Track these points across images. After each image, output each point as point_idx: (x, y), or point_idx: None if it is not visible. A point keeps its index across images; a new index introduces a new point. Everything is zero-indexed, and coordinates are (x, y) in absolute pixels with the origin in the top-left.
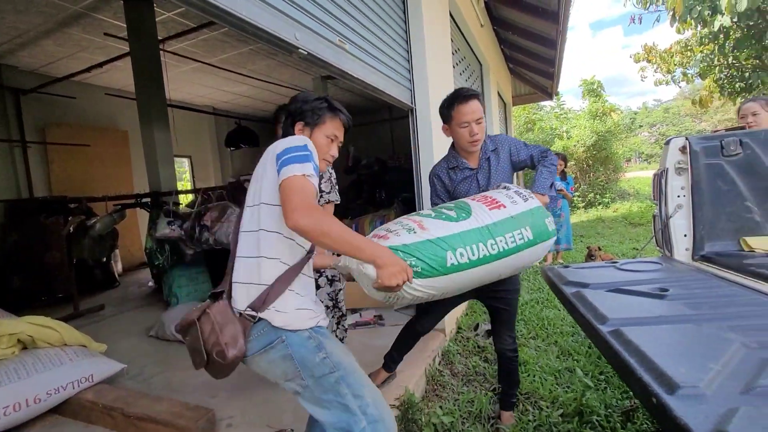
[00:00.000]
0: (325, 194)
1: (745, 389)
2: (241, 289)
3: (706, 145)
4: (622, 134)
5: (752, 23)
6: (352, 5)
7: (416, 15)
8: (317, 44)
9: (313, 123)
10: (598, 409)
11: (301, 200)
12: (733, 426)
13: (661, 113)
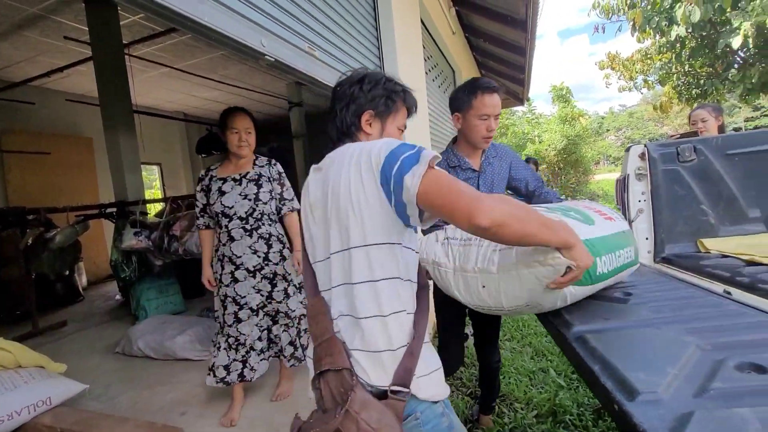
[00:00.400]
0: (288, 202)
1: (699, 392)
2: (369, 359)
3: (663, 152)
4: (591, 138)
5: (705, 33)
6: (321, 12)
7: (387, 22)
8: (285, 51)
9: (387, 112)
10: (571, 408)
11: (463, 195)
12: (690, 430)
13: (627, 118)
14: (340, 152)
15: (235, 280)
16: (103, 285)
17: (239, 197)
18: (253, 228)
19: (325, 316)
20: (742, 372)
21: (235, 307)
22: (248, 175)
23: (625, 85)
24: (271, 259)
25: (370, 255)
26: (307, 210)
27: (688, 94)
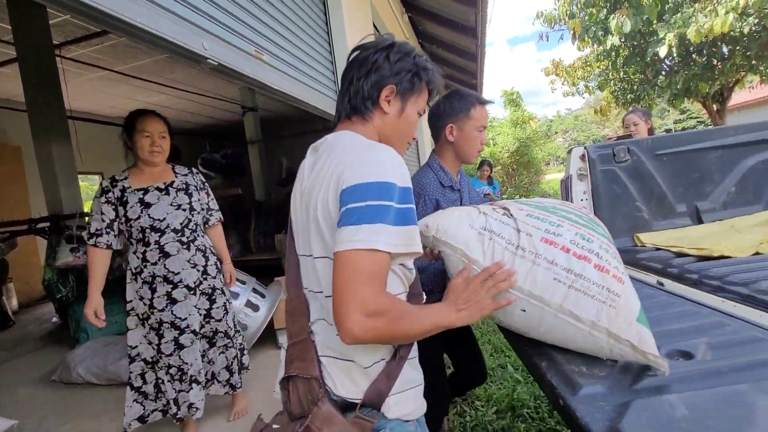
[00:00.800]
0: (215, 212)
1: (635, 382)
2: (339, 368)
3: (600, 153)
4: (541, 140)
5: (636, 43)
6: (269, 16)
7: (338, 26)
8: (230, 54)
9: (411, 90)
10: (528, 401)
11: (365, 297)
12: (626, 421)
13: (572, 120)
14: (336, 143)
15: (173, 301)
16: (39, 307)
17: (171, 208)
18: (189, 240)
19: (303, 316)
20: (672, 359)
21: (175, 332)
22: (175, 184)
23: (569, 90)
24: (209, 272)
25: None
26: (297, 195)
27: (624, 99)
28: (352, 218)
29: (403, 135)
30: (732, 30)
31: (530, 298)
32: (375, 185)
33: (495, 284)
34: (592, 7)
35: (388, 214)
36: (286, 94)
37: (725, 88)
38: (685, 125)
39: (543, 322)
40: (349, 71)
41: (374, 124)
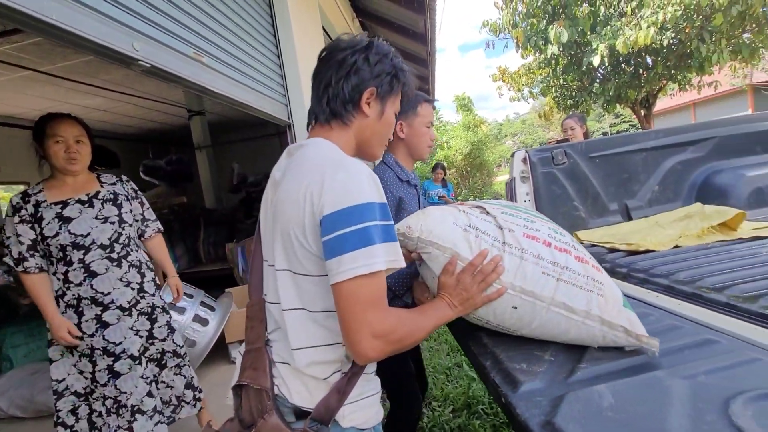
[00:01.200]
0: (152, 222)
1: (569, 375)
2: (294, 376)
3: (541, 157)
4: (492, 143)
5: (573, 52)
6: (209, 17)
7: (286, 30)
8: (165, 56)
9: (390, 92)
10: (483, 398)
11: (373, 321)
12: (560, 414)
13: (520, 124)
14: (308, 154)
15: (104, 324)
16: None
17: (96, 222)
18: (121, 256)
19: (261, 323)
20: (602, 351)
21: (109, 359)
22: (100, 195)
23: (515, 95)
24: (147, 289)
25: (303, 285)
26: (267, 200)
27: (564, 104)
28: (344, 246)
29: (383, 137)
30: (654, 42)
31: (522, 294)
32: (358, 208)
33: (484, 277)
34: (533, 17)
35: (376, 233)
36: (230, 98)
37: (651, 95)
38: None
39: (535, 317)
40: (325, 72)
41: (354, 127)
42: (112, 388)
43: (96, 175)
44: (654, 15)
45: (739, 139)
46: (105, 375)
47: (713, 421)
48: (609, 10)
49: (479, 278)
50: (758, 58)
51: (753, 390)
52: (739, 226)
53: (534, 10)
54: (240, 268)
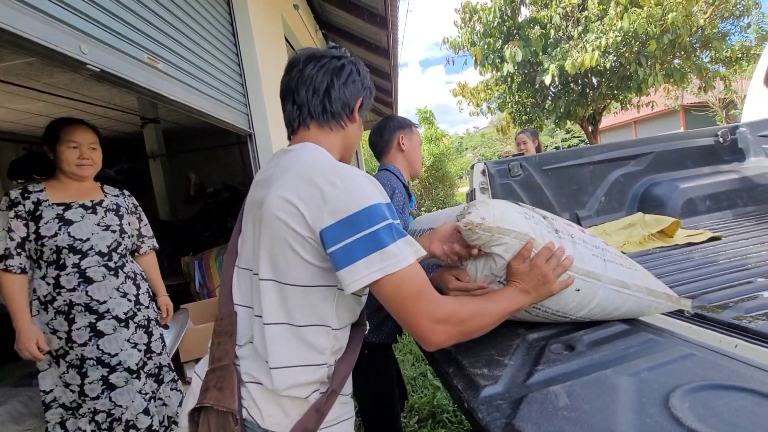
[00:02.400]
0: (148, 239)
1: (527, 377)
2: (267, 396)
3: (498, 169)
4: (453, 156)
5: (527, 71)
6: (165, 22)
7: (247, 39)
8: (116, 61)
9: (364, 104)
10: (447, 407)
11: (427, 310)
12: (519, 416)
13: (480, 138)
14: (297, 156)
15: (99, 334)
16: None
17: (98, 228)
18: (118, 266)
19: (230, 338)
20: (558, 353)
21: (104, 370)
22: (104, 204)
23: (474, 110)
24: (143, 302)
25: (290, 296)
26: (252, 204)
27: (520, 120)
28: (371, 245)
29: (355, 144)
30: (598, 65)
31: (584, 276)
32: (367, 211)
33: (559, 263)
34: (490, 37)
35: (393, 229)
36: (187, 105)
37: (597, 113)
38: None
39: (595, 296)
40: (322, 76)
41: (347, 131)
42: (106, 401)
43: (100, 185)
44: (598, 40)
45: (673, 155)
46: (98, 387)
47: (655, 414)
48: (558, 33)
49: (554, 263)
50: (687, 82)
51: (688, 383)
52: (675, 233)
53: (491, 30)
54: (197, 283)
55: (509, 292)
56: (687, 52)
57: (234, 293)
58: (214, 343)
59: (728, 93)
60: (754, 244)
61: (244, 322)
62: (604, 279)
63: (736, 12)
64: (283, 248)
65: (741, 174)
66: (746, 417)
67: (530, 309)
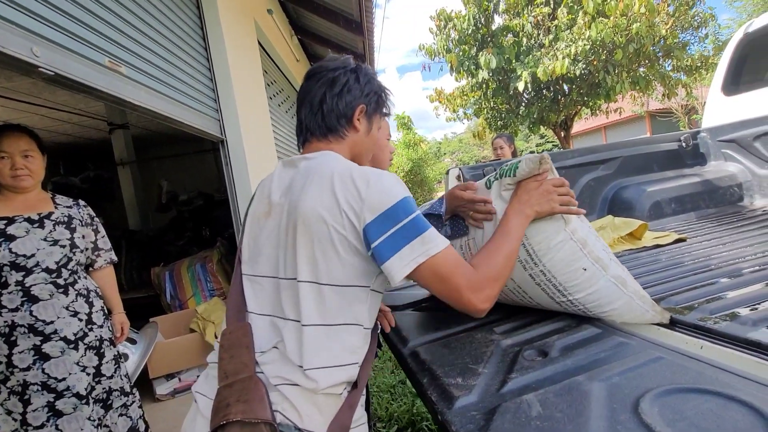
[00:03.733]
0: (104, 252)
1: (501, 386)
2: (303, 396)
3: (473, 173)
4: (432, 161)
5: (501, 78)
6: (129, 25)
7: (218, 44)
8: (73, 64)
9: (375, 111)
10: (426, 414)
11: (467, 284)
12: (492, 427)
13: (457, 143)
14: (321, 162)
15: (44, 357)
16: None
17: (44, 243)
18: (68, 283)
19: (247, 350)
20: (532, 360)
21: (50, 395)
22: (53, 216)
23: (450, 116)
24: (95, 320)
25: (324, 294)
26: (261, 208)
27: (495, 125)
28: (412, 232)
29: (369, 153)
30: (568, 72)
31: (594, 261)
32: (399, 204)
33: (566, 193)
34: (465, 44)
35: (418, 222)
36: (153, 111)
37: (568, 118)
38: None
39: (598, 283)
40: (318, 90)
41: (348, 142)
42: (52, 429)
43: (51, 195)
44: (567, 48)
45: (639, 159)
46: (43, 414)
47: (625, 420)
48: (530, 41)
49: (563, 190)
50: (652, 89)
51: (657, 387)
52: (643, 235)
53: (465, 38)
54: (167, 295)
55: (513, 215)
56: (651, 61)
57: (249, 303)
58: (224, 358)
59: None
60: (717, 245)
61: (264, 330)
62: (608, 270)
63: (694, 23)
64: (324, 249)
65: (703, 177)
66: (712, 420)
67: (536, 275)
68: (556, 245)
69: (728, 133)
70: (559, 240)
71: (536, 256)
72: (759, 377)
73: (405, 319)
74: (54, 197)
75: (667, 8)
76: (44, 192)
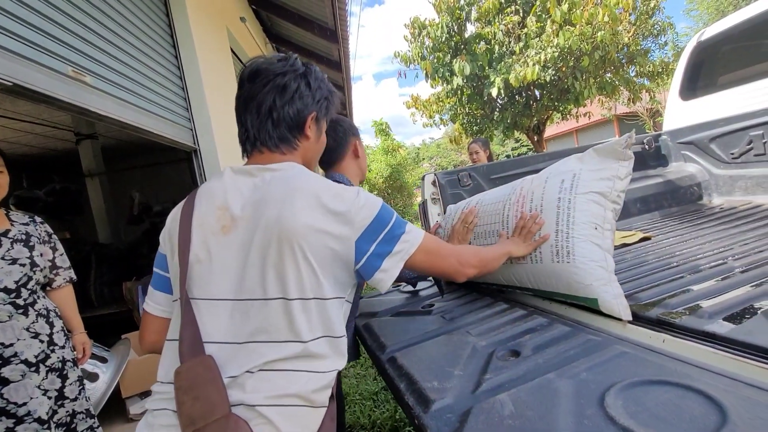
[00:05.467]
0: (63, 271)
1: (476, 387)
2: (285, 415)
3: (448, 179)
4: (410, 166)
5: (475, 84)
6: (93, 33)
7: (188, 51)
8: (33, 74)
9: (325, 115)
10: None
11: (448, 260)
12: (467, 428)
13: (435, 148)
14: (294, 175)
15: (3, 381)
16: None
17: (2, 262)
18: (28, 303)
19: (214, 386)
20: (504, 360)
21: (9, 421)
22: (10, 234)
23: (427, 122)
24: (57, 341)
25: (314, 310)
26: (216, 221)
27: (471, 130)
28: (395, 236)
29: (317, 157)
30: (539, 78)
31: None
32: (381, 212)
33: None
34: (439, 51)
35: (400, 221)
36: (121, 121)
37: (541, 123)
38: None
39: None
40: (265, 96)
41: (300, 151)
42: None
43: (5, 212)
44: (537, 55)
45: None
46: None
47: (592, 414)
48: (502, 49)
49: (535, 228)
50: (618, 94)
51: (621, 381)
52: None
53: (439, 45)
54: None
55: (507, 242)
56: (616, 67)
57: (205, 331)
58: (184, 401)
59: (653, 104)
60: (679, 243)
61: (229, 359)
62: (605, 243)
63: (654, 31)
64: (319, 263)
65: (665, 178)
66: (671, 410)
67: (563, 201)
68: (593, 194)
69: (687, 136)
70: (599, 190)
71: (577, 186)
72: (714, 366)
73: (383, 325)
74: (8, 214)
75: (629, 17)
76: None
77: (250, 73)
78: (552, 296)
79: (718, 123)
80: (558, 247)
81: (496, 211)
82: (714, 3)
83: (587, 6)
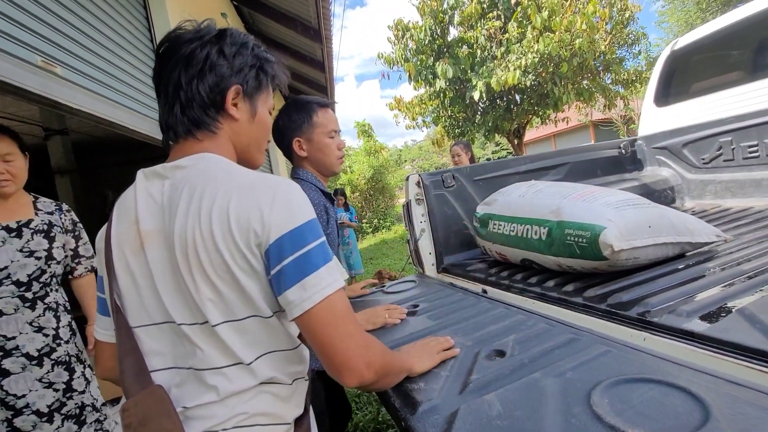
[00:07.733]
0: (85, 260)
1: (462, 388)
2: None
3: (432, 180)
4: (393, 168)
5: (458, 87)
6: (64, 22)
7: None
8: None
9: (259, 89)
10: (391, 422)
11: (355, 333)
12: (454, 430)
13: (418, 150)
14: (202, 170)
15: (4, 373)
16: None
17: (19, 254)
18: (37, 297)
19: (168, 419)
20: (490, 360)
21: (7, 413)
22: (32, 224)
23: (410, 124)
24: (62, 336)
25: (248, 330)
26: (129, 239)
27: (453, 133)
28: (305, 269)
29: (260, 141)
30: (519, 83)
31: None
32: (308, 226)
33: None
34: (422, 54)
35: (325, 248)
36: (93, 115)
37: (521, 127)
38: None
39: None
40: (170, 72)
41: (224, 135)
42: None
43: (33, 199)
44: (518, 60)
45: (585, 164)
46: (3, 429)
47: (579, 413)
48: (484, 53)
49: (438, 348)
50: (594, 100)
51: (606, 379)
52: None
53: (423, 48)
54: None
55: (408, 358)
56: (593, 74)
57: (149, 360)
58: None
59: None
60: None
61: (180, 384)
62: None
63: (629, 41)
64: (221, 280)
65: (641, 181)
66: (655, 407)
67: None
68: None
69: (661, 141)
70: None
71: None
72: (693, 363)
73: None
74: (36, 201)
75: (605, 26)
76: (26, 195)
77: (158, 45)
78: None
79: (690, 129)
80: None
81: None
82: (683, 16)
83: (566, 14)
